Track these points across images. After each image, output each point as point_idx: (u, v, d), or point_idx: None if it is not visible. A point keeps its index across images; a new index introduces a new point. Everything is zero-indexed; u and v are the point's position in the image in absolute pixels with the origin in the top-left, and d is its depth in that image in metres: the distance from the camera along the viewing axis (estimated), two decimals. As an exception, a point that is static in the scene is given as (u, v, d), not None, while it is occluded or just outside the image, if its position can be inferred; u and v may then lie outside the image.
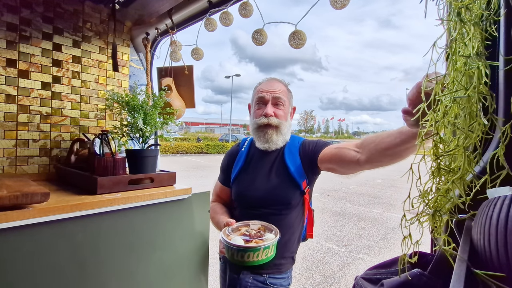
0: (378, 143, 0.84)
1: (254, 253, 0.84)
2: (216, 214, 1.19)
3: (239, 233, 0.94)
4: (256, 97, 1.14)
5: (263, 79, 1.20)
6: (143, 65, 1.70)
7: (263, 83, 1.17)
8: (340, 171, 1.02)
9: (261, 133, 1.11)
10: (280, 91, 1.12)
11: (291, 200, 1.08)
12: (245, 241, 0.88)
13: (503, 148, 0.43)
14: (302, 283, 2.93)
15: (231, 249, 0.86)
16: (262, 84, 1.16)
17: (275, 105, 1.11)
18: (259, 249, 0.84)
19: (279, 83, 1.16)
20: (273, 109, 1.10)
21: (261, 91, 1.12)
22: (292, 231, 1.10)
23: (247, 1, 1.21)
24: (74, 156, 1.29)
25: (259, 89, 1.14)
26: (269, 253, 0.88)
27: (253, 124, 1.14)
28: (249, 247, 0.84)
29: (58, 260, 0.86)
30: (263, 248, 0.85)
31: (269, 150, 1.13)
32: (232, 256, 0.87)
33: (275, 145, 1.11)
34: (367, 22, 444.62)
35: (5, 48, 1.18)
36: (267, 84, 1.14)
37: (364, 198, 7.09)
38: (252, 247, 0.84)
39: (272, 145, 1.11)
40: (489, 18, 0.47)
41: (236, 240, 0.87)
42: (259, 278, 1.06)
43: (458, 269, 0.36)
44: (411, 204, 0.48)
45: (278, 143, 1.11)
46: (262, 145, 1.13)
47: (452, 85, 0.45)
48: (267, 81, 1.16)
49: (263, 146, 1.13)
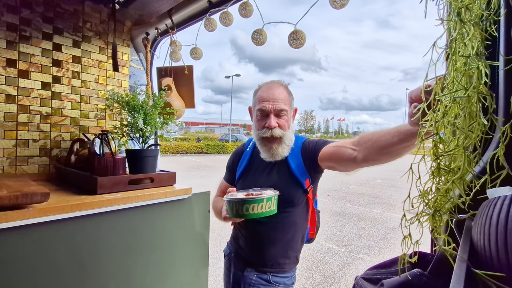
0: (375, 141, 0.84)
1: (258, 204, 0.88)
2: (218, 203, 1.20)
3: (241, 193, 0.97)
4: (258, 107, 1.10)
5: (263, 83, 1.16)
6: (143, 65, 1.70)
7: (263, 89, 1.12)
8: (339, 169, 1.03)
9: (265, 147, 1.10)
10: (281, 100, 1.08)
11: (293, 199, 1.08)
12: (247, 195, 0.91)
13: (503, 148, 0.43)
14: (302, 283, 2.93)
15: (235, 203, 0.89)
16: (263, 90, 1.12)
17: (278, 116, 1.08)
18: (262, 200, 0.88)
19: (280, 89, 1.11)
20: (276, 120, 1.07)
21: (262, 100, 1.08)
22: (295, 229, 1.10)
23: (247, 1, 1.21)
24: (74, 156, 1.29)
25: (260, 98, 1.10)
26: (272, 206, 0.91)
27: (256, 135, 1.13)
28: (252, 198, 0.87)
29: (57, 260, 0.86)
30: (266, 199, 0.88)
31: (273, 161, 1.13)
32: (237, 212, 0.89)
33: (281, 157, 1.11)
34: (366, 22, 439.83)
35: (5, 48, 1.18)
36: (267, 92, 1.09)
37: (364, 198, 7.09)
38: (255, 197, 0.87)
39: (278, 158, 1.11)
40: (489, 18, 0.47)
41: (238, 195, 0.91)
42: (263, 276, 1.07)
43: (458, 269, 0.36)
44: (411, 204, 0.48)
45: (283, 154, 1.11)
46: (267, 158, 1.12)
47: (452, 85, 0.45)
48: (267, 87, 1.11)
49: (268, 159, 1.12)
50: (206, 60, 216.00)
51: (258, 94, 1.12)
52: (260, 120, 1.10)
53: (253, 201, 0.87)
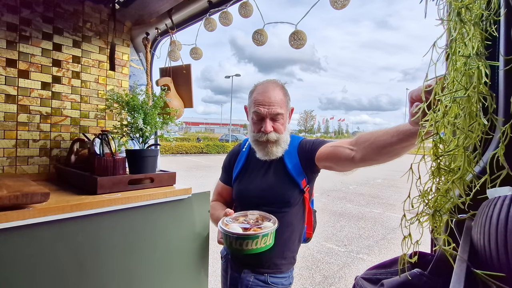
0: (373, 141, 0.83)
1: (252, 241, 0.84)
2: (216, 211, 1.20)
3: (237, 222, 0.93)
4: (253, 110, 1.08)
5: (258, 83, 1.14)
6: (143, 65, 1.70)
7: (259, 91, 1.09)
8: (336, 168, 1.03)
9: (260, 147, 1.11)
10: (277, 103, 1.06)
11: (289, 199, 1.08)
12: (243, 229, 0.87)
13: (503, 148, 0.43)
14: (302, 283, 2.93)
15: (230, 237, 0.85)
16: (259, 92, 1.09)
17: (273, 120, 1.07)
18: (258, 237, 0.84)
19: (276, 91, 1.08)
20: (271, 124, 1.06)
21: (258, 103, 1.06)
22: (291, 229, 1.10)
23: (247, 1, 1.21)
24: (74, 156, 1.29)
25: (256, 100, 1.07)
26: (268, 241, 0.87)
27: (252, 137, 1.12)
28: (248, 235, 0.84)
29: (58, 260, 0.86)
30: (261, 236, 0.84)
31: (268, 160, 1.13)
32: (231, 245, 0.86)
33: (275, 156, 1.11)
34: (364, 23, 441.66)
35: (5, 48, 1.18)
36: (263, 95, 1.07)
37: (364, 198, 7.09)
38: (251, 234, 0.84)
39: (272, 157, 1.11)
40: (489, 18, 0.47)
41: (234, 228, 0.87)
42: (260, 277, 1.07)
43: (458, 269, 0.36)
44: (411, 204, 0.48)
45: (278, 154, 1.11)
46: (262, 156, 1.12)
47: (452, 85, 0.45)
48: (263, 89, 1.09)
49: (263, 158, 1.12)
50: (205, 60, 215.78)
51: (254, 96, 1.10)
52: (256, 123, 1.10)
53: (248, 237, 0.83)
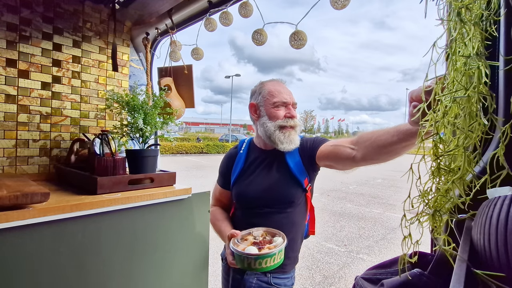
0: (374, 140, 0.84)
1: (270, 258, 0.89)
2: (217, 221, 1.19)
3: (247, 242, 0.96)
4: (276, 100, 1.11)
5: (266, 81, 1.19)
6: (143, 65, 1.70)
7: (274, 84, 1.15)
8: (337, 167, 1.03)
9: (285, 134, 1.10)
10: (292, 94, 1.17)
11: (293, 199, 1.08)
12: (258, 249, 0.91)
13: (503, 148, 0.43)
14: (302, 283, 2.93)
15: (248, 258, 0.89)
16: (274, 85, 1.15)
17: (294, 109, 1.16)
18: (275, 254, 0.89)
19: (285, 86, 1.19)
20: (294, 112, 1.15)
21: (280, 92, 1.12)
22: (296, 229, 1.10)
23: (247, 1, 1.21)
24: (74, 156, 1.29)
25: (276, 91, 1.12)
26: (282, 256, 0.93)
27: (273, 126, 1.11)
28: (266, 254, 0.88)
29: (58, 260, 0.86)
30: (278, 252, 0.90)
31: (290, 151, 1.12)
32: (250, 266, 0.89)
33: (295, 145, 1.11)
34: (362, 23, 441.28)
35: (5, 48, 1.18)
36: (283, 87, 1.15)
37: (364, 198, 7.09)
38: (268, 253, 0.88)
39: (293, 146, 1.11)
40: (489, 18, 0.47)
41: (250, 250, 0.90)
42: (263, 279, 1.06)
43: (458, 269, 0.36)
44: (411, 204, 0.48)
45: (297, 143, 1.12)
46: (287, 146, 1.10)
47: (452, 85, 0.45)
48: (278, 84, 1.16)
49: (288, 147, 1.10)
50: (205, 60, 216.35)
51: (268, 89, 1.14)
52: (280, 110, 1.12)
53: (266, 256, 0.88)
